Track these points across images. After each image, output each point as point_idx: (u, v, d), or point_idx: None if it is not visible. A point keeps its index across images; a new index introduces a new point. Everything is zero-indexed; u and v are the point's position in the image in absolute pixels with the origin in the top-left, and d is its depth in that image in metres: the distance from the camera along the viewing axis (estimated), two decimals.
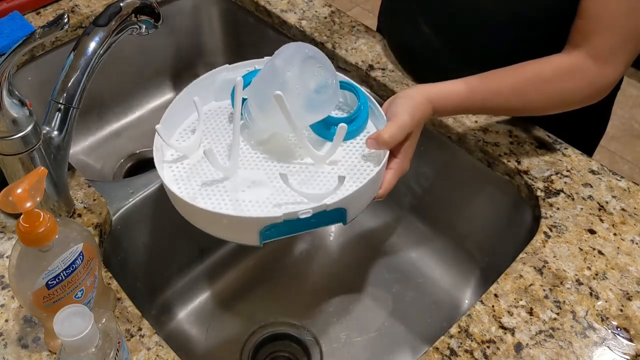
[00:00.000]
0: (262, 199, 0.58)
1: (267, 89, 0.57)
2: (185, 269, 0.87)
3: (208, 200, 0.58)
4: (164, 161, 0.62)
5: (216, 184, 0.60)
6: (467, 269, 0.87)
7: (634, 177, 1.87)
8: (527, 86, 0.66)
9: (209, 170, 0.61)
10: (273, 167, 0.61)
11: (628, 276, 0.63)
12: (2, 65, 0.52)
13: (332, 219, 0.55)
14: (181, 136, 0.67)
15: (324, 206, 0.53)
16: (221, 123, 0.68)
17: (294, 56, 0.58)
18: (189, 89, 0.68)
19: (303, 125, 0.62)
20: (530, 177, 0.73)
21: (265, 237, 0.54)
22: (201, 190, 0.59)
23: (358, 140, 0.64)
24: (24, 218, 0.44)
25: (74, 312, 0.44)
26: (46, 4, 0.96)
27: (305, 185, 0.59)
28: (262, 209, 0.57)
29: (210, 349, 0.81)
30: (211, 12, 1.12)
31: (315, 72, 0.58)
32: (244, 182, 0.60)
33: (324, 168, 0.61)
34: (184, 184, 0.60)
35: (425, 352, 0.56)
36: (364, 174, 0.60)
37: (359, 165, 0.61)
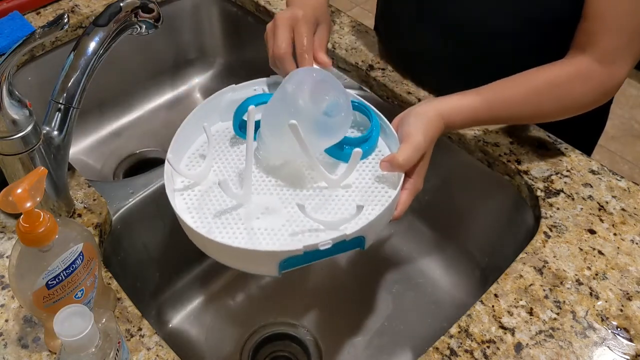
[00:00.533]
0: (278, 227, 0.57)
1: (279, 116, 0.56)
2: (185, 268, 0.87)
3: (223, 230, 0.57)
4: (175, 189, 0.61)
5: (230, 212, 0.58)
6: (467, 269, 0.87)
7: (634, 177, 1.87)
8: (538, 94, 0.66)
9: (221, 197, 0.59)
10: (286, 192, 0.60)
11: (628, 276, 0.63)
12: (2, 65, 0.52)
13: (351, 246, 0.54)
14: (190, 161, 0.65)
15: (343, 236, 0.52)
16: (230, 145, 0.66)
17: (304, 82, 0.57)
18: (196, 112, 0.66)
19: (317, 150, 0.61)
20: (530, 177, 0.73)
21: (283, 267, 0.53)
22: (215, 220, 0.58)
23: (370, 160, 0.63)
24: (24, 218, 0.44)
25: (74, 312, 0.44)
26: (46, 4, 0.96)
27: (319, 210, 0.58)
28: (279, 239, 0.56)
29: (210, 349, 0.81)
30: (211, 12, 1.12)
31: (327, 95, 0.57)
32: (257, 209, 0.58)
33: (338, 192, 0.60)
34: (197, 213, 0.59)
35: (426, 352, 0.56)
36: (379, 197, 0.59)
37: (374, 188, 0.60)
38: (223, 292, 0.87)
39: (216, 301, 0.86)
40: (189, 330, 0.83)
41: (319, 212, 0.58)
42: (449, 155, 0.82)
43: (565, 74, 0.65)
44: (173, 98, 1.14)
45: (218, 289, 0.87)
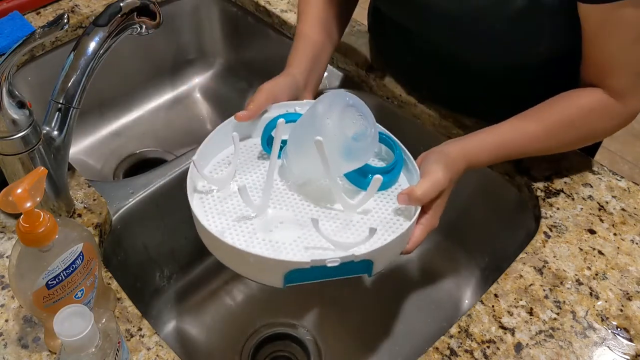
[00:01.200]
0: (290, 241, 0.57)
1: (306, 134, 0.57)
2: (185, 268, 0.87)
3: (236, 236, 0.57)
4: (196, 191, 0.62)
5: (245, 220, 0.59)
6: (467, 269, 0.87)
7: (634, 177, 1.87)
8: (558, 128, 0.66)
9: (239, 205, 0.60)
10: (304, 209, 0.61)
11: (628, 276, 0.63)
12: (2, 65, 0.52)
13: (358, 270, 0.55)
14: (215, 167, 0.66)
15: (352, 257, 0.53)
16: (256, 159, 0.67)
17: (334, 103, 0.58)
18: (230, 122, 0.67)
19: (339, 172, 0.62)
20: (530, 177, 0.73)
21: (288, 280, 0.54)
22: (230, 225, 0.59)
23: (389, 192, 0.63)
24: (24, 218, 0.44)
25: (74, 312, 0.44)
26: (46, 4, 0.96)
27: (333, 232, 0.59)
28: (289, 252, 0.56)
29: (210, 349, 0.81)
30: (211, 12, 1.12)
31: (355, 120, 0.58)
32: (273, 222, 0.59)
33: (354, 217, 0.60)
34: (213, 216, 0.59)
35: (426, 352, 0.56)
36: (393, 227, 0.59)
37: (389, 217, 0.60)
38: (223, 292, 0.87)
39: (216, 301, 0.86)
40: (189, 330, 0.83)
41: (332, 233, 0.58)
42: None
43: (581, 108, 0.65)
44: (173, 98, 1.14)
45: (218, 289, 0.87)
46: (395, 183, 0.64)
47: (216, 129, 0.66)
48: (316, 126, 0.57)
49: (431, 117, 0.81)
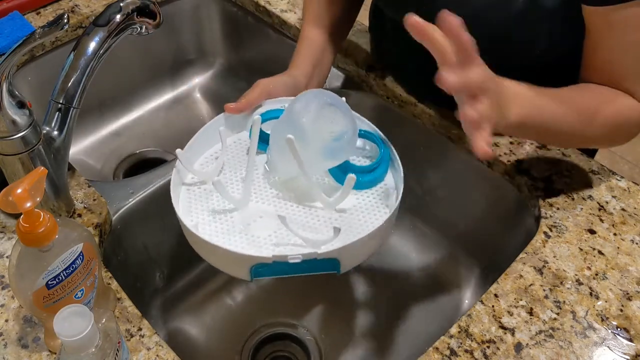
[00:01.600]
0: (264, 236, 0.58)
1: (284, 132, 0.58)
2: (185, 268, 0.87)
3: (213, 228, 0.59)
4: (183, 183, 0.63)
5: (225, 213, 0.60)
6: (467, 269, 0.87)
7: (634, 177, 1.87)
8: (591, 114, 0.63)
9: (222, 198, 0.62)
10: (284, 205, 0.61)
11: (628, 276, 0.63)
12: (2, 65, 0.52)
13: (325, 267, 0.55)
14: (205, 160, 0.67)
15: (314, 254, 0.53)
16: (245, 154, 0.68)
17: (311, 102, 0.58)
18: (221, 117, 0.68)
19: (318, 170, 0.63)
20: (530, 177, 0.73)
21: (255, 274, 0.55)
22: (208, 217, 0.60)
23: (373, 191, 0.63)
24: (24, 218, 0.44)
25: (74, 312, 0.44)
26: (46, 4, 0.96)
27: (310, 229, 0.59)
28: (261, 246, 0.57)
29: (210, 349, 0.81)
30: (211, 12, 1.12)
31: (332, 119, 0.59)
32: (252, 216, 0.60)
33: (332, 214, 0.61)
34: (195, 208, 0.61)
35: (426, 352, 0.56)
36: (366, 226, 0.59)
37: (367, 217, 0.60)
38: (223, 292, 0.87)
39: (216, 301, 0.86)
40: (189, 330, 0.83)
41: (309, 230, 0.59)
42: (449, 155, 0.82)
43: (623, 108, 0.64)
44: (173, 98, 1.14)
45: (218, 289, 0.87)
46: (380, 182, 0.64)
47: (209, 123, 0.67)
48: (292, 124, 0.58)
49: (431, 117, 0.81)
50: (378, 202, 0.62)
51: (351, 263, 0.57)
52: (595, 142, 0.70)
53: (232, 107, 0.67)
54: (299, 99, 0.59)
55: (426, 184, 0.88)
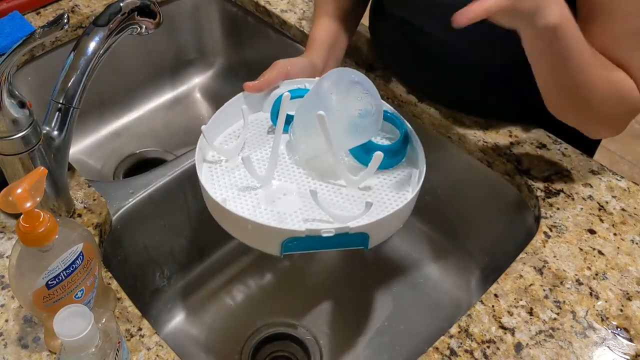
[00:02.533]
0: (291, 212, 0.59)
1: (311, 110, 0.59)
2: (185, 268, 0.87)
3: (239, 204, 0.60)
4: (204, 160, 0.65)
5: (250, 190, 0.61)
6: (467, 269, 0.87)
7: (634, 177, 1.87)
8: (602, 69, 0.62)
9: (245, 176, 0.63)
10: (308, 183, 0.63)
11: (628, 276, 0.63)
12: (2, 65, 0.52)
13: (354, 242, 0.56)
14: (225, 139, 0.69)
15: (346, 228, 0.54)
16: (266, 133, 0.69)
17: (339, 80, 0.60)
18: (240, 96, 0.70)
19: (343, 148, 0.64)
20: (530, 177, 0.73)
21: (286, 248, 0.55)
22: (234, 193, 0.61)
23: (393, 171, 0.65)
24: (24, 218, 0.44)
25: (74, 312, 0.44)
26: (46, 4, 0.96)
27: (335, 206, 0.60)
28: (289, 222, 0.58)
29: (211, 349, 0.81)
30: (211, 12, 1.12)
31: (360, 97, 0.60)
32: (277, 193, 0.61)
33: (356, 192, 0.62)
34: (219, 185, 0.62)
35: (426, 352, 0.56)
36: (393, 204, 0.61)
37: (390, 195, 0.62)
38: (223, 292, 0.87)
39: (216, 301, 0.86)
40: (189, 330, 0.83)
41: (334, 207, 0.60)
42: (449, 155, 0.82)
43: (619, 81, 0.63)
44: (173, 98, 1.14)
45: (218, 289, 0.87)
46: (400, 162, 0.66)
47: (228, 102, 0.69)
48: (320, 101, 0.59)
49: (431, 117, 0.81)
50: (399, 181, 0.64)
51: (379, 239, 0.59)
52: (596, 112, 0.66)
53: (251, 85, 0.68)
54: (327, 77, 0.60)
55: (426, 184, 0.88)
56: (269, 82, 0.69)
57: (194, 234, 0.85)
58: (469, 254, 0.87)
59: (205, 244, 0.89)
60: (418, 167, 0.64)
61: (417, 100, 0.83)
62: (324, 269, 0.91)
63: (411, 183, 0.63)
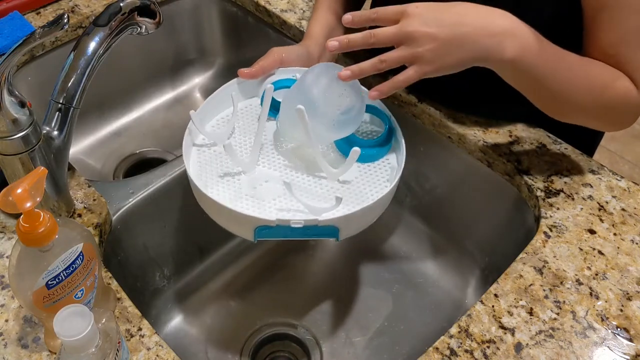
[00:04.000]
0: (270, 199, 0.61)
1: (294, 103, 0.60)
2: (185, 269, 0.87)
3: (221, 188, 0.62)
4: (194, 144, 0.66)
5: (233, 175, 0.63)
6: (467, 269, 0.87)
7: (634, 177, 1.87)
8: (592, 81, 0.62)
9: (231, 162, 0.64)
10: (290, 173, 0.64)
11: (628, 276, 0.63)
12: (2, 65, 0.52)
13: (325, 234, 0.58)
14: (218, 124, 0.70)
15: (315, 221, 0.56)
16: (255, 120, 0.71)
17: (322, 74, 0.61)
18: (234, 82, 0.71)
19: (324, 141, 0.65)
20: (530, 177, 0.73)
21: (259, 235, 0.57)
22: (217, 178, 0.63)
23: (375, 165, 0.66)
24: (24, 218, 0.44)
25: (74, 312, 0.44)
26: (46, 4, 0.96)
27: (314, 196, 0.62)
28: (264, 209, 0.60)
29: (210, 349, 0.81)
30: (211, 12, 1.12)
31: (341, 93, 0.61)
32: (258, 180, 0.63)
33: (335, 184, 0.63)
34: (204, 169, 0.64)
35: (425, 352, 0.56)
36: (367, 197, 0.62)
37: (368, 189, 0.63)
38: (223, 292, 0.87)
39: (216, 301, 0.86)
40: (189, 330, 0.83)
41: (312, 197, 0.61)
42: (449, 155, 0.82)
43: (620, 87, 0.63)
44: (173, 98, 1.14)
45: (218, 289, 0.87)
46: (383, 156, 0.67)
47: (221, 87, 0.70)
48: (302, 95, 0.60)
49: (431, 117, 0.81)
50: (380, 176, 0.65)
51: (350, 232, 0.60)
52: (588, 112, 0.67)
53: (246, 72, 0.69)
54: (311, 71, 0.62)
55: (426, 184, 0.88)
56: (264, 69, 0.70)
57: (194, 234, 0.85)
58: (468, 254, 0.87)
59: (205, 244, 0.89)
60: (397, 162, 0.66)
61: (417, 100, 0.83)
62: (324, 269, 0.91)
63: (390, 178, 0.64)
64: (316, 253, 0.92)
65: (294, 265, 0.91)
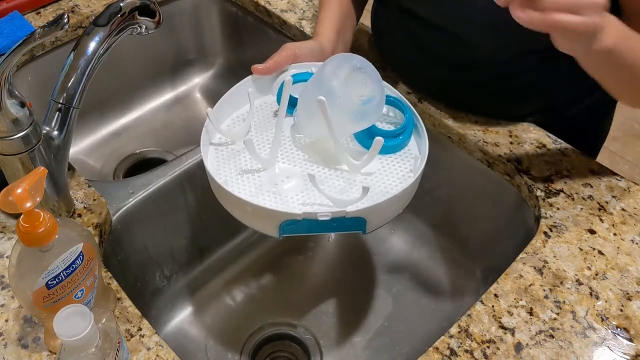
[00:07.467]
0: (292, 195, 0.60)
1: (313, 95, 0.59)
2: (185, 269, 0.87)
3: (241, 185, 0.61)
4: (211, 143, 0.65)
5: (252, 173, 0.62)
6: (467, 269, 0.87)
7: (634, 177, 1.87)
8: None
9: (250, 158, 0.64)
10: (311, 167, 0.63)
11: (628, 276, 0.63)
12: (2, 65, 0.52)
13: (352, 226, 0.56)
14: (233, 122, 0.69)
15: (343, 212, 0.55)
16: (272, 116, 0.70)
17: (341, 66, 0.60)
18: (249, 79, 0.70)
19: (345, 133, 0.64)
20: (530, 177, 0.73)
21: (284, 231, 0.56)
22: (237, 175, 0.62)
23: (397, 156, 0.65)
24: (24, 218, 0.44)
25: (74, 312, 0.44)
26: (46, 4, 0.96)
27: (336, 190, 0.61)
28: (288, 205, 0.59)
29: (210, 349, 0.81)
30: (211, 12, 1.12)
31: (362, 83, 0.60)
32: (279, 176, 0.62)
33: (357, 177, 0.62)
34: (223, 167, 0.63)
35: (425, 352, 0.56)
36: (392, 188, 0.61)
37: (391, 180, 0.62)
38: (223, 292, 0.87)
39: (216, 301, 0.86)
40: (189, 330, 0.83)
41: (335, 191, 0.60)
42: (449, 155, 0.82)
43: None
44: (173, 98, 1.14)
45: (218, 289, 0.87)
46: (404, 147, 0.66)
47: (236, 85, 0.69)
48: (322, 87, 0.59)
49: (431, 117, 0.81)
50: (402, 167, 0.63)
51: (376, 223, 0.59)
52: None
53: (260, 68, 0.68)
54: (329, 62, 0.61)
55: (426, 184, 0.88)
56: (277, 65, 0.69)
57: (194, 234, 0.85)
58: (468, 254, 0.87)
59: (205, 244, 0.89)
60: (420, 152, 0.64)
61: (417, 101, 0.83)
62: (324, 269, 0.91)
63: (413, 169, 0.63)
64: (316, 253, 0.92)
65: (294, 266, 0.91)
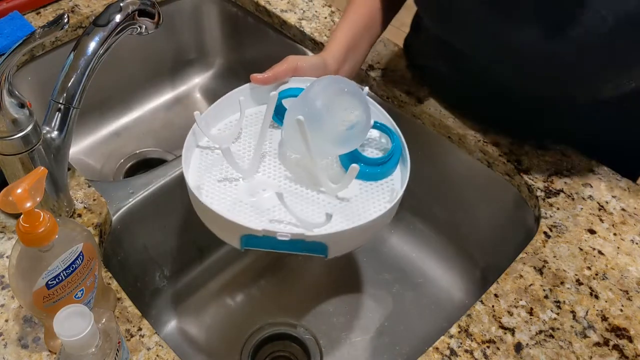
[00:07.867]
0: (263, 209, 0.59)
1: (297, 113, 0.58)
2: (185, 269, 0.87)
3: (214, 192, 0.60)
4: (197, 146, 0.65)
5: (231, 181, 0.62)
6: (467, 269, 0.87)
7: None
8: None
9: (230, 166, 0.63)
10: (289, 184, 0.62)
11: (628, 276, 0.63)
12: (2, 65, 0.52)
13: (313, 250, 0.55)
14: (226, 127, 0.69)
15: (302, 235, 0.54)
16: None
17: (328, 87, 0.59)
18: (246, 87, 0.70)
19: (325, 155, 0.63)
20: (530, 177, 0.73)
21: (246, 244, 0.56)
22: (215, 182, 0.61)
23: (378, 184, 0.63)
24: (24, 218, 0.44)
25: (74, 312, 0.44)
26: (46, 4, 0.96)
27: (309, 211, 0.59)
28: (254, 218, 0.58)
29: (210, 349, 0.81)
30: (211, 12, 1.12)
31: (347, 107, 0.59)
32: (256, 188, 0.61)
33: (332, 200, 0.61)
34: (204, 172, 0.62)
35: (425, 352, 0.56)
36: (362, 216, 0.59)
37: (365, 208, 0.60)
38: (223, 292, 0.87)
39: (216, 301, 0.86)
40: (189, 330, 0.83)
41: (308, 211, 0.59)
42: (449, 155, 0.82)
43: None
44: (173, 98, 1.14)
45: (218, 289, 0.87)
46: (387, 175, 0.64)
47: (232, 91, 0.69)
48: (306, 105, 0.58)
49: (431, 117, 0.81)
50: (380, 196, 0.62)
51: (339, 250, 0.58)
52: None
53: (259, 77, 0.68)
54: (317, 82, 0.60)
55: (426, 184, 0.88)
56: (277, 76, 0.68)
57: (194, 234, 0.85)
58: (469, 254, 0.87)
59: (205, 244, 0.89)
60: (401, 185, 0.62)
61: (417, 100, 0.83)
62: (324, 269, 0.91)
63: (390, 199, 0.61)
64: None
65: (294, 266, 0.91)
